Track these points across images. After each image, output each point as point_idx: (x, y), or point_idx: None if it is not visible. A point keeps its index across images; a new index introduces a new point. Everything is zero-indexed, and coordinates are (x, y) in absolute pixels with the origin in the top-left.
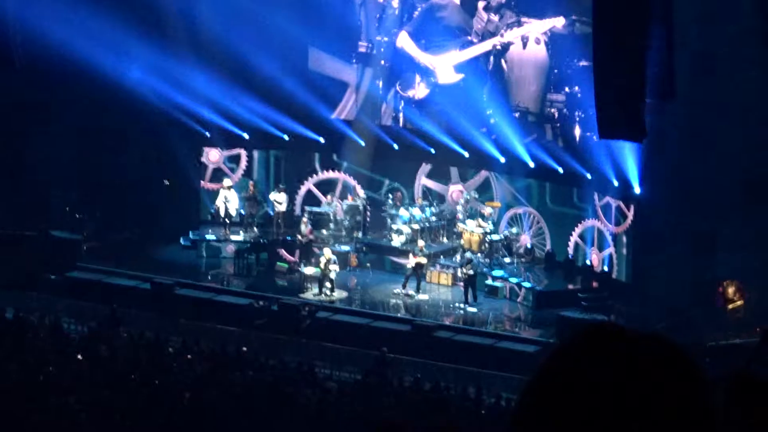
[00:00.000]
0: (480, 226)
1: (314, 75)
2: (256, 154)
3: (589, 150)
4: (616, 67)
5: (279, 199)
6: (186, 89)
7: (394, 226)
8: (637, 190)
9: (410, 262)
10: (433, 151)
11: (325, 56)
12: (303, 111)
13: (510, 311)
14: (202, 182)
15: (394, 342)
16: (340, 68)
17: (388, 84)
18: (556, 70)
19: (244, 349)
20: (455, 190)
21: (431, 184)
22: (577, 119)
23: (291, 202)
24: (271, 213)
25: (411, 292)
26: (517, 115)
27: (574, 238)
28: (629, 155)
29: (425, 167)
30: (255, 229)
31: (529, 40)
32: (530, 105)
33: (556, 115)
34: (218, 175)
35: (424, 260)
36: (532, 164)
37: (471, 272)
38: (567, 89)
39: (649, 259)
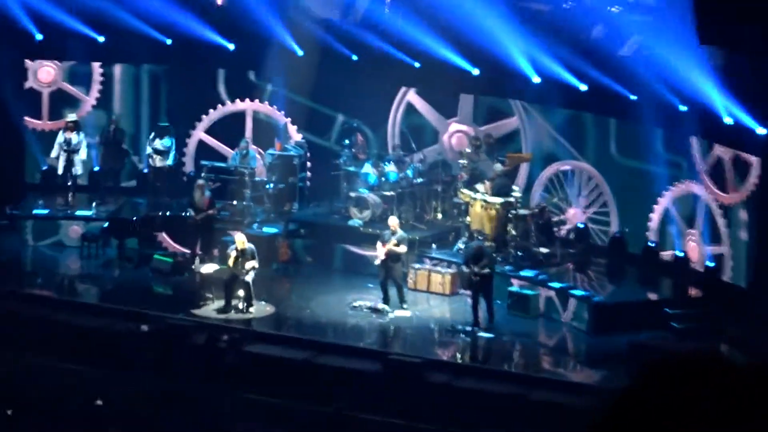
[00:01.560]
0: (490, 191)
1: None
2: (117, 70)
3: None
4: None
5: (158, 147)
6: None
7: (353, 194)
8: (761, 131)
9: (379, 253)
10: (417, 65)
11: None
12: None
13: (549, 338)
14: (27, 119)
15: (354, 390)
16: None
17: None
18: None
19: (99, 402)
20: (457, 132)
21: (421, 105)
22: None
23: (179, 151)
24: (146, 170)
25: (382, 306)
26: (615, 9)
27: (658, 213)
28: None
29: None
30: (117, 198)
31: None
32: None
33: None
34: (56, 107)
35: (401, 250)
36: (583, 87)
37: (485, 272)
38: None
39: None
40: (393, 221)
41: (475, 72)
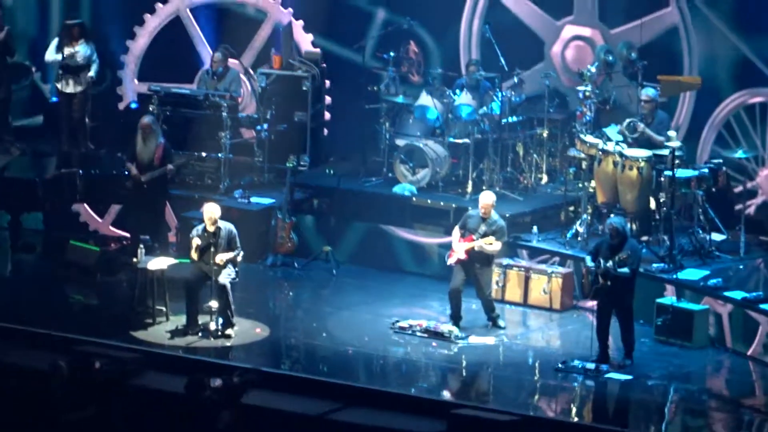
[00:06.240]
0: (626, 140)
1: None
2: None
3: None
4: None
5: (70, 60)
6: None
7: (401, 142)
8: None
9: (457, 248)
10: None
11: None
12: None
13: (725, 382)
14: None
15: None
16: None
17: None
18: None
19: None
20: (576, 40)
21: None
22: None
23: (112, 69)
24: (54, 99)
25: (447, 326)
26: None
27: None
28: None
29: None
30: (7, 144)
31: None
32: None
33: None
34: None
35: (494, 248)
36: None
37: (624, 271)
38: None
39: None
40: (487, 198)
41: None
